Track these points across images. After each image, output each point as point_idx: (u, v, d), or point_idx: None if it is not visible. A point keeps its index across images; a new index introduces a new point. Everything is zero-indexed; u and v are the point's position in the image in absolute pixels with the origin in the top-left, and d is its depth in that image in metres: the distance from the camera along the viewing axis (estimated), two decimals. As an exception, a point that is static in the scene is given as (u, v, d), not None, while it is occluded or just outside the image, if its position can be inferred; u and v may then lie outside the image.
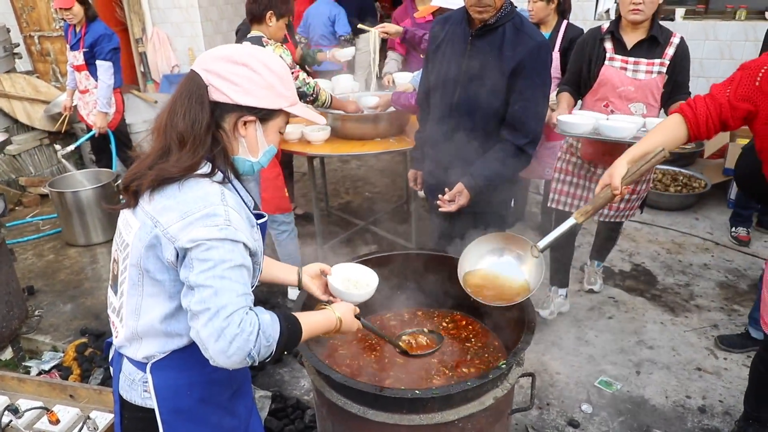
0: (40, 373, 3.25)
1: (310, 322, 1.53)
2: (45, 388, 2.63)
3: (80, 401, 2.57)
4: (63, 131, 5.77)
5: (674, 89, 3.00)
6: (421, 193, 3.91)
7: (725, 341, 3.26)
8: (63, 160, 5.04)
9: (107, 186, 4.71)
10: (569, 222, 1.94)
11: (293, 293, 3.76)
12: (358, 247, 4.52)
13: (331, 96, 3.60)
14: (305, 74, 3.43)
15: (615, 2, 5.97)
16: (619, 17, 3.02)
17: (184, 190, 1.36)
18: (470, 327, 2.31)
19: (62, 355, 3.38)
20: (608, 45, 3.06)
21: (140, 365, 1.51)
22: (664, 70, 2.95)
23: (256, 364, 1.33)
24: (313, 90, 3.45)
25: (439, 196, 2.57)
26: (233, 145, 1.46)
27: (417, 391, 1.67)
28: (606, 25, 3.10)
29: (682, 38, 2.97)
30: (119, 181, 4.83)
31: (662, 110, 3.07)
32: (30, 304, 3.86)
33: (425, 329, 2.21)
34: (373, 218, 4.89)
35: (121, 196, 4.77)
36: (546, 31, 3.89)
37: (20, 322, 3.59)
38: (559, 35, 3.83)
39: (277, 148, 1.56)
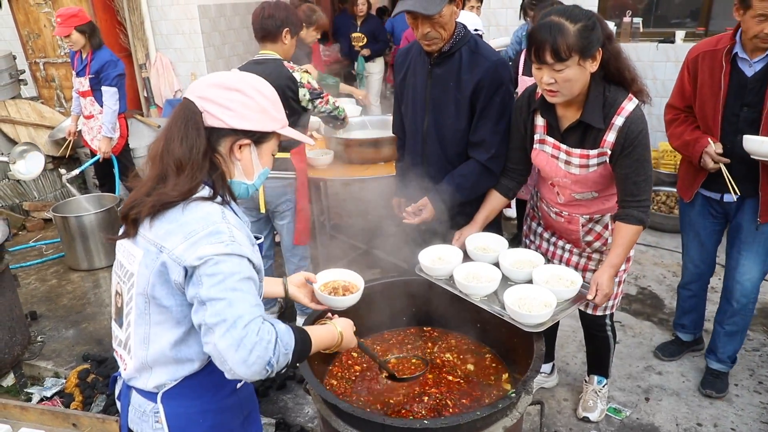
0: (41, 400, 3.22)
1: (316, 334, 1.56)
2: (47, 417, 2.60)
3: (83, 430, 2.54)
4: (67, 156, 5.81)
5: (622, 188, 2.19)
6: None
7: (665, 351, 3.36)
8: (67, 185, 5.06)
9: (111, 210, 4.71)
10: None
11: (301, 321, 3.72)
12: (360, 270, 4.48)
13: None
14: (334, 98, 3.35)
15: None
16: None
17: (186, 213, 1.37)
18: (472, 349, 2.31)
19: (64, 381, 3.35)
20: (539, 121, 2.32)
21: (151, 395, 1.49)
22: (606, 160, 2.19)
23: (273, 374, 1.34)
24: (343, 113, 3.43)
25: (405, 209, 2.62)
26: (230, 168, 1.49)
27: (425, 421, 1.65)
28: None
29: (629, 116, 2.09)
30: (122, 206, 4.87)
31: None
32: (32, 330, 3.84)
33: (417, 354, 2.26)
34: (375, 241, 4.87)
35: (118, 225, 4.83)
36: None
37: (23, 348, 3.56)
38: None
39: (270, 170, 1.60)
